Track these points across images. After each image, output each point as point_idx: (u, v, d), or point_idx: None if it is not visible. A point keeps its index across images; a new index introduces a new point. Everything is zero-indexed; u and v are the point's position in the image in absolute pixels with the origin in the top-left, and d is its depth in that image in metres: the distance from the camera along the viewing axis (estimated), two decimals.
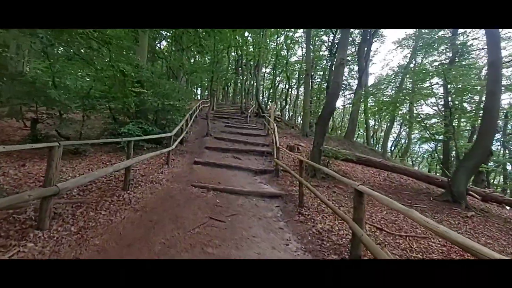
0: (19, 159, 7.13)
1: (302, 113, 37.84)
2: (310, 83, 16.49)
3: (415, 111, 12.10)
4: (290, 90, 29.71)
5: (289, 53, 26.53)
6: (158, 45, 21.50)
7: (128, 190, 5.33)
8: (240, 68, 27.92)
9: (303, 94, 36.74)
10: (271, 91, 31.98)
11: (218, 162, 8.76)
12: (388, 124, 18.20)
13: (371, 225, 5.01)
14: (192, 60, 25.33)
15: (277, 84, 31.12)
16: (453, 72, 9.63)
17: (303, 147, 12.40)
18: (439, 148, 12.27)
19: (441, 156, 12.42)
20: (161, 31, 18.95)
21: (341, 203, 6.41)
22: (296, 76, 30.28)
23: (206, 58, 31.97)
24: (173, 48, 19.47)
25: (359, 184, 3.29)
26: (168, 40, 18.57)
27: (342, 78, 9.20)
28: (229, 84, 38.04)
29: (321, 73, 25.05)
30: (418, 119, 12.26)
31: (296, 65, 29.26)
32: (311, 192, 5.42)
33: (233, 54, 30.60)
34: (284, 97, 30.89)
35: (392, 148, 25.16)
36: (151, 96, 9.29)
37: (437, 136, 14.63)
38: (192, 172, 7.72)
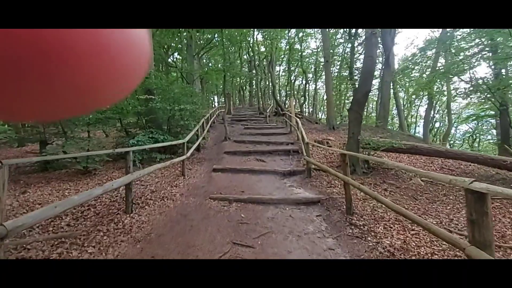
0: (25, 186, 6.40)
1: (324, 106, 35.97)
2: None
3: (453, 87, 10.19)
4: (307, 85, 28.13)
5: (302, 46, 25.04)
6: (171, 57, 21.06)
7: (131, 212, 4.26)
8: (253, 70, 26.87)
9: (323, 86, 34.96)
10: (287, 89, 30.53)
11: (240, 167, 7.57)
12: (426, 106, 16.03)
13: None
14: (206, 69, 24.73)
15: (293, 80, 29.58)
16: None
17: (333, 141, 10.90)
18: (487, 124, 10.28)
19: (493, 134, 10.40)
20: (171, 44, 18.46)
21: (403, 206, 4.93)
22: (312, 69, 28.66)
23: (219, 65, 31.47)
24: (185, 56, 18.77)
25: (473, 181, 1.89)
26: (179, 49, 17.88)
27: (376, 50, 7.71)
28: (244, 88, 37.11)
29: (339, 62, 23.28)
30: (463, 93, 10.35)
31: (311, 58, 27.67)
32: (359, 193, 4.03)
33: (245, 57, 29.72)
34: (302, 93, 29.32)
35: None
36: (160, 103, 8.33)
37: (489, 112, 12.49)
38: (211, 181, 6.58)
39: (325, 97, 38.43)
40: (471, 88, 9.86)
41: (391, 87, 13.88)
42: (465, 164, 8.05)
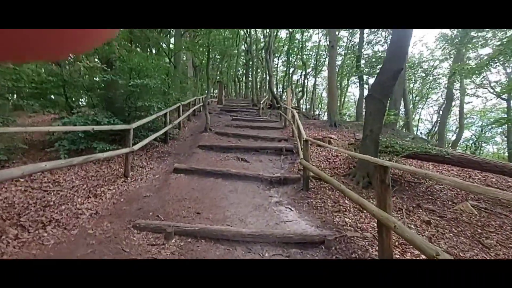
0: None
1: (323, 104, 33.76)
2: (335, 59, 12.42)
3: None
4: (306, 80, 25.78)
5: (304, 36, 22.62)
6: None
7: None
8: (250, 61, 24.48)
9: (322, 83, 32.40)
10: (285, 83, 28.12)
11: (211, 169, 5.30)
12: (443, 104, 13.76)
13: None
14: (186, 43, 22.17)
15: (291, 72, 27.07)
16: None
17: (335, 140, 8.68)
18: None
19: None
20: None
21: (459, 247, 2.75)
22: (313, 63, 26.29)
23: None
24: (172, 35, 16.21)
25: None
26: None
27: None
28: (240, 79, 34.56)
29: (344, 49, 20.88)
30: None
31: (312, 51, 25.27)
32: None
33: (243, 47, 27.21)
34: (300, 88, 26.96)
35: (427, 136, 20.61)
36: (113, 75, 5.97)
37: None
38: (162, 189, 4.32)
39: (323, 94, 36.15)
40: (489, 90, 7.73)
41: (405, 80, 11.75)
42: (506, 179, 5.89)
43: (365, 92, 13.84)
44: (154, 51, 14.12)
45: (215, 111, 14.90)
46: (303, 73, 25.36)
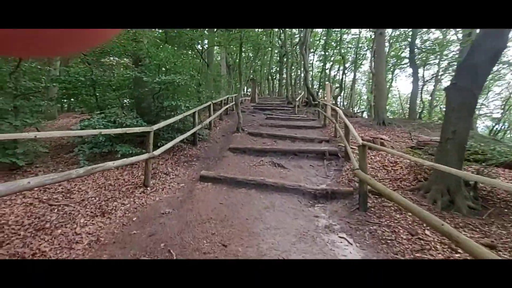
0: None
1: (362, 100, 31.25)
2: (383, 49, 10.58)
3: None
4: (344, 75, 23.78)
5: (342, 29, 20.78)
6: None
7: None
8: (284, 57, 23.34)
9: (361, 77, 29.57)
10: (321, 80, 26.35)
11: (243, 177, 4.44)
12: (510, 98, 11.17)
13: None
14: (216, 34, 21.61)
15: (328, 68, 25.20)
16: None
17: (387, 142, 7.27)
18: None
19: None
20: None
21: None
22: (351, 58, 24.22)
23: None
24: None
25: None
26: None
27: None
28: (274, 77, 33.46)
29: (388, 37, 18.60)
30: None
31: (351, 44, 23.22)
32: None
33: (277, 44, 26.07)
34: (337, 84, 25.06)
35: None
36: (139, 73, 5.43)
37: None
38: (185, 203, 3.56)
39: (363, 90, 33.37)
40: None
41: None
42: None
43: (419, 85, 11.87)
44: (190, 52, 13.76)
45: (248, 110, 14.14)
46: (341, 68, 23.48)
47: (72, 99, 6.18)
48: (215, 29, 13.23)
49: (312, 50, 26.45)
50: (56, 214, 2.83)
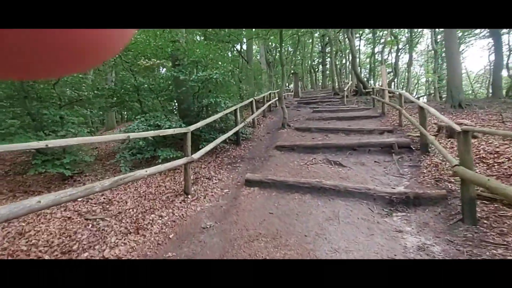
0: None
1: (419, 85, 27.57)
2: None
3: None
4: (398, 57, 21.00)
5: None
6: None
7: None
8: (327, 45, 21.77)
9: (418, 58, 25.62)
10: (371, 66, 23.80)
11: (294, 180, 3.72)
12: None
13: None
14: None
15: (380, 52, 22.57)
16: None
17: (472, 128, 5.69)
18: None
19: None
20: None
21: None
22: (404, 36, 21.33)
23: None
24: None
25: None
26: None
27: None
28: (316, 69, 31.66)
29: None
30: None
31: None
32: None
33: (316, 34, 24.43)
34: (390, 69, 22.33)
35: None
36: (177, 72, 5.13)
37: None
38: (229, 214, 3.01)
39: (420, 72, 29.28)
40: None
41: None
42: None
43: (505, 58, 9.44)
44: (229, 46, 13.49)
45: (292, 105, 13.27)
46: (394, 49, 20.79)
47: (118, 107, 6.24)
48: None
49: (357, 35, 24.13)
50: (88, 231, 2.53)
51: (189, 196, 3.51)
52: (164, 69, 7.08)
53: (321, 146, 5.28)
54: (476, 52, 49.72)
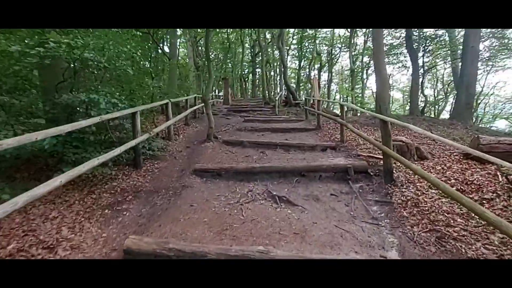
0: None
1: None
2: None
3: None
4: (320, 74, 22.10)
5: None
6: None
7: None
8: (258, 54, 21.26)
9: (339, 75, 27.93)
10: (298, 79, 24.34)
11: (217, 249, 2.01)
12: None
13: None
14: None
15: (308, 66, 23.26)
16: None
17: (410, 145, 5.19)
18: None
19: None
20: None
21: None
22: (324, 56, 22.66)
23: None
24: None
25: None
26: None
27: None
28: (246, 78, 31.08)
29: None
30: None
31: (325, 41, 21.66)
32: None
33: (246, 45, 23.77)
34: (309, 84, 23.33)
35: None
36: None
37: None
38: None
39: (336, 89, 32.27)
40: None
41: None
42: None
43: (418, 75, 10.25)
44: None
45: (222, 112, 11.63)
46: (317, 66, 21.80)
47: None
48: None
49: (287, 47, 24.53)
50: None
51: None
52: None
53: (258, 171, 3.73)
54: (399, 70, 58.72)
